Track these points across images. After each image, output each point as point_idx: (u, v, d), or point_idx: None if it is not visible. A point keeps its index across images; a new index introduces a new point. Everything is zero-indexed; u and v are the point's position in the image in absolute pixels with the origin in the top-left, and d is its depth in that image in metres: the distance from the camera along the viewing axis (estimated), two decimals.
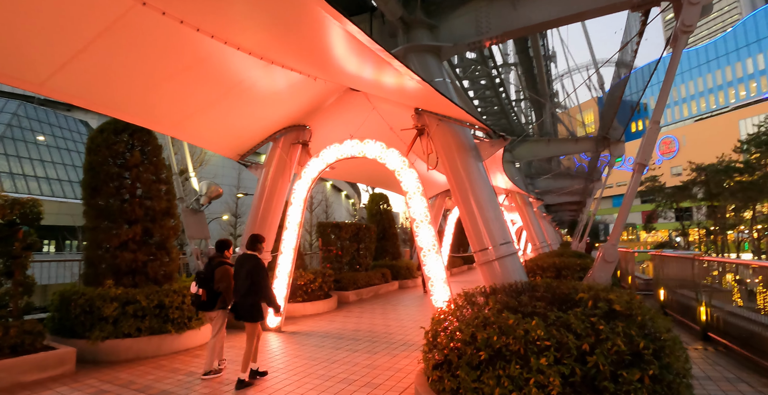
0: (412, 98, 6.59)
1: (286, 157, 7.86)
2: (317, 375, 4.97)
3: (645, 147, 5.42)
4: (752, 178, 19.18)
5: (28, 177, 28.23)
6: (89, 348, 5.40)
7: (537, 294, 3.98)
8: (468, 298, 4.28)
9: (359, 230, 13.05)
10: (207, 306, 4.93)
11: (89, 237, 6.00)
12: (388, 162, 6.82)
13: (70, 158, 31.66)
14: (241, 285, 4.74)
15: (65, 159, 31.40)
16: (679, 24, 5.07)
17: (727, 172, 18.69)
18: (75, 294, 5.57)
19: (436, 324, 4.03)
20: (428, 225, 6.44)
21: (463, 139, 6.61)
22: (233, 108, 6.85)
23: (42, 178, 28.78)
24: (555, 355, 3.11)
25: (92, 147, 6.05)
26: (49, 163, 29.95)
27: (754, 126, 20.12)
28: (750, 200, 19.40)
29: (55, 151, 31.14)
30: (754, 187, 19.04)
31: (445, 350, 3.62)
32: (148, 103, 5.91)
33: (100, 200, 5.95)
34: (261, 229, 8.02)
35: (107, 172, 5.96)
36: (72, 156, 31.94)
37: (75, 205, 22.05)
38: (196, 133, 6.97)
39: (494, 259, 6.08)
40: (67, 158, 31.52)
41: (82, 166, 6.17)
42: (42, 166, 29.47)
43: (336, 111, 8.20)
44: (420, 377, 4.11)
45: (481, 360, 3.30)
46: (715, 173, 19.31)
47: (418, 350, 6.07)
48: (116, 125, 6.14)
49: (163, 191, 6.48)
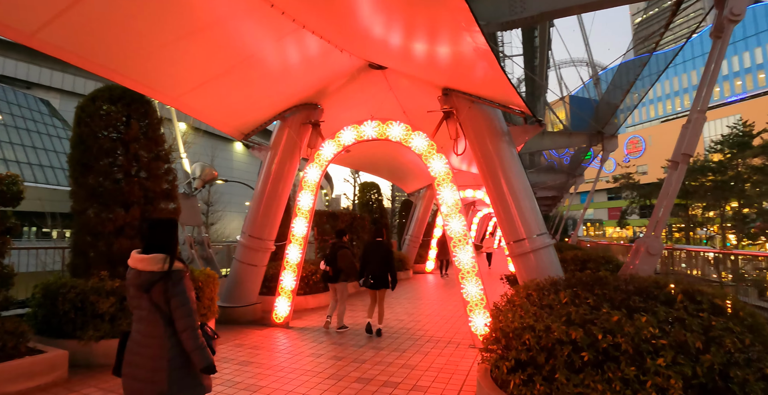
0: (444, 75, 6.11)
1: (296, 138, 7.19)
2: (353, 378, 4.45)
3: (691, 137, 5.26)
4: (724, 177, 20.01)
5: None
6: (81, 350, 4.62)
7: (623, 287, 3.63)
8: (539, 292, 3.89)
9: (354, 220, 12.53)
10: (333, 279, 6.69)
11: (78, 221, 5.16)
12: (415, 145, 6.32)
13: (30, 139, 28.97)
14: (379, 263, 6.39)
15: (24, 140, 28.64)
16: (727, 13, 4.87)
17: (702, 171, 19.51)
18: (63, 287, 4.75)
19: (502, 322, 3.62)
20: (459, 214, 6.01)
21: (496, 123, 6.20)
22: (241, 82, 6.13)
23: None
24: (671, 355, 2.76)
25: (83, 117, 5.17)
26: (7, 144, 27.25)
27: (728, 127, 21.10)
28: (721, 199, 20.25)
29: (14, 131, 28.36)
30: (725, 186, 19.88)
31: (531, 351, 3.20)
32: (150, 68, 5.12)
33: (91, 179, 5.11)
34: (265, 216, 7.36)
35: (101, 146, 5.12)
36: (32, 137, 29.24)
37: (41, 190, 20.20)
38: (199, 107, 6.19)
39: (530, 251, 5.74)
40: (27, 139, 28.81)
41: (69, 139, 5.28)
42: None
43: (351, 91, 7.59)
44: (485, 379, 3.68)
45: (585, 361, 2.92)
46: (691, 172, 20.05)
47: (448, 346, 5.68)
48: (111, 93, 5.29)
49: (163, 170, 5.69)
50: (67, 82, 34.81)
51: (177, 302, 2.34)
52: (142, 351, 2.35)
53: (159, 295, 2.34)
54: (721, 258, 10.59)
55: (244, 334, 6.32)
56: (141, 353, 2.35)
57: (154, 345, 2.34)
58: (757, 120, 20.75)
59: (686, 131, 5.34)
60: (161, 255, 2.39)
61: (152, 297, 2.35)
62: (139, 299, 2.39)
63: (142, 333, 2.38)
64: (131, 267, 2.43)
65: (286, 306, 6.89)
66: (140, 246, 2.46)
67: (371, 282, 6.30)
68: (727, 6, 4.85)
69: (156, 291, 2.34)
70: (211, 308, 5.89)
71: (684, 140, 5.32)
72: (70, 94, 34.64)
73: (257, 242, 7.32)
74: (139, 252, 2.44)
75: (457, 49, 4.71)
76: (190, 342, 2.34)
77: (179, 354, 2.36)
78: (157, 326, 2.35)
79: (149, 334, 2.35)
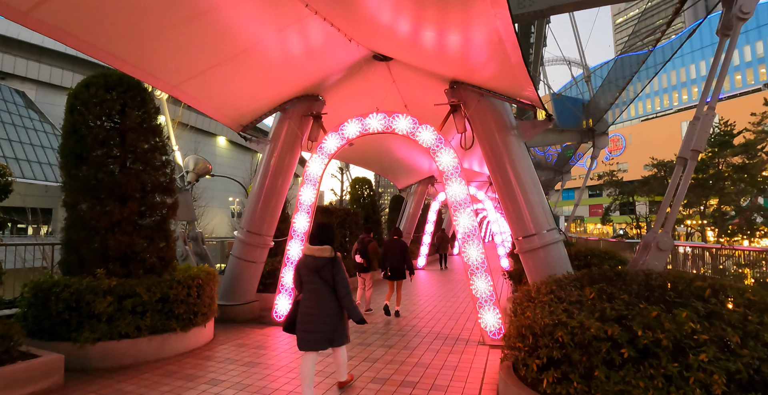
0: (454, 66, 5.97)
1: (297, 130, 6.95)
2: (369, 378, 4.30)
3: (700, 133, 5.29)
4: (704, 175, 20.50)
5: None
6: (76, 354, 4.33)
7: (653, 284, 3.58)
8: (562, 288, 3.81)
9: (347, 215, 12.34)
10: (366, 269, 7.66)
11: (71, 216, 4.84)
12: (422, 139, 6.17)
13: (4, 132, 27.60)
14: (396, 258, 7.37)
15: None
16: (736, 10, 4.90)
17: None
18: (55, 286, 4.45)
19: (530, 319, 3.52)
20: (468, 209, 5.90)
21: (505, 118, 6.11)
22: (242, 71, 5.87)
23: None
24: (713, 350, 2.71)
25: (76, 104, 4.83)
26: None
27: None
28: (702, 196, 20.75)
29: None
30: (706, 184, 20.36)
31: (564, 349, 3.11)
32: (151, 53, 4.84)
33: (85, 170, 4.79)
34: (264, 211, 7.12)
35: (96, 136, 4.80)
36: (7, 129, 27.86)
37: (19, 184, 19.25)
38: (199, 96, 5.91)
39: (540, 247, 5.69)
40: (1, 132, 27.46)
41: (61, 128, 4.93)
42: None
43: (352, 83, 7.39)
44: (511, 378, 3.58)
45: (625, 359, 2.84)
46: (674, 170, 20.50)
47: (457, 343, 5.58)
48: (106, 79, 4.95)
49: (160, 162, 5.40)
50: (44, 73, 33.28)
51: (339, 277, 3.59)
52: (315, 312, 3.55)
53: (327, 273, 3.57)
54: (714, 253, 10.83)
55: (245, 334, 6.08)
56: (314, 312, 3.55)
57: (324, 306, 3.56)
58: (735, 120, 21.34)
59: (694, 128, 5.35)
60: (328, 247, 3.68)
61: (321, 275, 3.58)
62: (310, 276, 3.62)
63: (313, 300, 3.58)
64: (306, 254, 3.72)
65: (286, 304, 6.67)
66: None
67: (389, 274, 7.36)
68: (737, 4, 4.87)
69: (325, 270, 3.58)
70: (211, 307, 5.65)
71: (693, 136, 5.33)
72: (47, 86, 33.22)
73: (256, 238, 7.07)
74: (310, 245, 3.73)
75: (472, 36, 4.58)
76: (348, 303, 3.59)
77: (338, 312, 3.63)
78: (324, 294, 3.58)
79: (319, 299, 3.57)
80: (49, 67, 33.58)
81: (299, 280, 3.74)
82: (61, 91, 33.21)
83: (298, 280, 3.75)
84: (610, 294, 3.56)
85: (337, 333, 3.61)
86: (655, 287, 3.51)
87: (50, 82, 33.36)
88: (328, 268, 3.57)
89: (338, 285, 3.57)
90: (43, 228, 24.05)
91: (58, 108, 32.16)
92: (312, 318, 3.53)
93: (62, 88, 33.17)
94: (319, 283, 3.58)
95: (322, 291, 3.56)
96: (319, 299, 3.56)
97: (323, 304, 3.55)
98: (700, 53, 49.14)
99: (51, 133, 30.51)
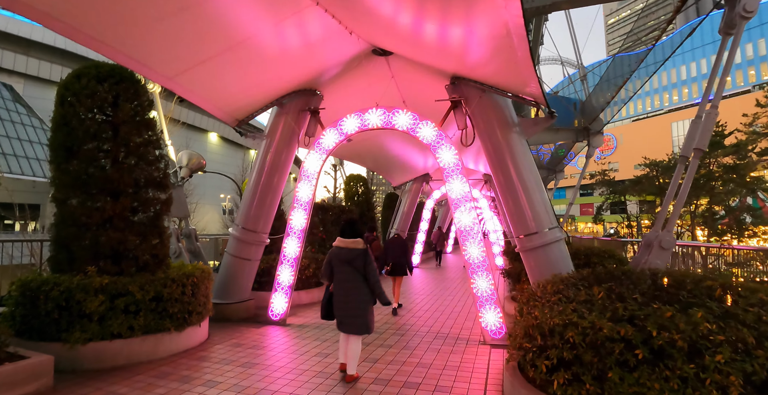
0: (455, 61, 5.86)
1: (294, 125, 6.80)
2: (370, 379, 4.20)
3: (703, 132, 5.29)
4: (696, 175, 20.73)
5: None
6: (66, 354, 4.17)
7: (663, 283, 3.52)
8: (569, 288, 3.74)
9: (342, 212, 12.22)
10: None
11: (60, 211, 4.65)
12: (423, 135, 6.06)
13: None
14: (398, 254, 7.69)
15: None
16: (739, 9, 4.88)
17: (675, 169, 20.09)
18: (44, 284, 4.27)
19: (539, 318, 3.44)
20: (469, 207, 5.82)
21: (507, 114, 6.04)
22: (238, 63, 5.71)
23: None
24: (728, 351, 2.65)
25: (66, 96, 4.63)
26: None
27: None
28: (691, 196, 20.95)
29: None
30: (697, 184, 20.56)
31: (575, 349, 3.03)
32: (147, 43, 4.67)
33: (76, 164, 4.60)
34: (260, 208, 6.97)
35: (87, 129, 4.61)
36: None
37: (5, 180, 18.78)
38: (194, 89, 5.74)
39: (542, 245, 5.63)
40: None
41: (51, 120, 4.73)
42: None
43: (350, 78, 7.25)
44: (517, 379, 3.50)
45: (640, 360, 2.77)
46: (666, 169, 20.69)
47: (458, 343, 5.51)
48: (98, 70, 4.76)
49: (154, 156, 5.23)
50: (32, 67, 32.37)
51: (370, 268, 4.09)
52: (350, 298, 4.06)
53: (359, 263, 4.06)
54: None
55: (240, 333, 5.94)
56: (349, 299, 4.06)
57: (358, 293, 4.07)
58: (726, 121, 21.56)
59: (696, 126, 5.33)
60: (360, 239, 4.17)
61: (354, 265, 4.05)
62: (342, 266, 4.09)
63: (347, 288, 4.08)
64: (339, 247, 4.15)
65: (283, 303, 6.54)
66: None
67: (388, 269, 7.72)
68: (741, 3, 4.85)
69: (357, 260, 4.06)
70: (206, 306, 5.51)
71: (695, 135, 5.30)
72: (35, 79, 32.36)
73: (251, 235, 6.92)
74: (343, 238, 4.17)
75: (477, 29, 4.48)
76: (377, 289, 4.10)
77: (370, 298, 4.13)
78: (356, 281, 4.08)
79: (353, 287, 4.07)
80: (38, 60, 32.73)
81: (330, 270, 4.18)
82: (49, 85, 32.42)
83: (329, 270, 4.18)
84: (619, 293, 3.50)
85: (366, 319, 4.07)
86: (666, 286, 3.45)
87: (38, 76, 32.52)
88: (360, 259, 4.07)
89: (369, 273, 4.08)
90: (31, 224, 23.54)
91: (46, 102, 31.38)
92: (347, 304, 4.06)
93: (50, 82, 32.39)
94: (351, 272, 4.07)
95: (354, 280, 4.08)
96: (351, 287, 4.07)
97: (355, 291, 4.06)
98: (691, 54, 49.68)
99: (39, 128, 29.81)
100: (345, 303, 4.06)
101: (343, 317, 4.09)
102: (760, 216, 19.41)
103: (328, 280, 4.21)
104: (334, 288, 4.15)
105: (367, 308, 4.08)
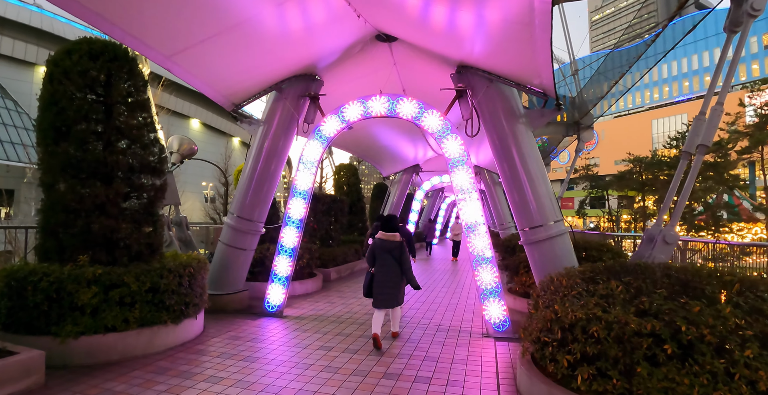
0: (464, 48, 5.71)
1: (294, 111, 6.55)
2: (380, 373, 4.10)
3: (709, 128, 5.29)
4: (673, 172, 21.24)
5: None
6: (57, 349, 3.92)
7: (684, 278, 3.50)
8: (586, 281, 3.69)
9: (333, 202, 12.02)
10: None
11: (49, 196, 4.34)
12: (428, 124, 5.91)
13: None
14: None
15: None
16: (747, 8, 4.87)
17: (659, 165, 20.72)
18: (32, 274, 3.99)
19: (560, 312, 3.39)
20: (474, 198, 5.73)
21: (513, 104, 5.94)
22: (238, 45, 5.45)
23: None
24: (756, 346, 2.64)
25: (56, 73, 4.28)
26: None
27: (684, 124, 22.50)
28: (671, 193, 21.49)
29: None
30: None
31: (599, 344, 2.99)
32: (146, 19, 4.36)
33: (67, 146, 4.28)
34: (256, 196, 6.74)
35: (79, 108, 4.29)
36: None
37: None
38: (192, 70, 5.45)
39: (547, 238, 5.60)
40: None
41: (39, 98, 4.37)
42: None
43: (350, 64, 7.04)
44: (536, 373, 3.45)
45: (669, 355, 2.74)
46: (649, 165, 21.13)
47: (461, 336, 5.46)
48: (91, 46, 4.41)
49: (149, 140, 4.94)
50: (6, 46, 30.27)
51: (405, 257, 4.99)
52: (389, 282, 4.95)
53: (397, 252, 4.98)
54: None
55: (237, 325, 5.76)
56: (388, 281, 4.95)
57: (396, 276, 4.97)
58: None
59: (700, 123, 5.33)
60: (397, 233, 5.07)
61: (393, 254, 4.97)
62: (383, 254, 4.98)
63: (386, 272, 4.96)
64: (381, 239, 5.03)
65: (280, 294, 6.36)
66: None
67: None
68: (748, 2, 4.83)
69: (396, 250, 4.98)
70: (203, 297, 5.29)
71: (699, 131, 5.30)
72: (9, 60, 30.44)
73: (247, 224, 6.70)
74: (384, 232, 5.06)
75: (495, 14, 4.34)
76: (410, 274, 4.99)
77: (401, 281, 5.03)
78: (393, 267, 4.97)
79: (391, 271, 4.96)
80: (12, 39, 30.77)
81: (373, 257, 5.08)
82: (25, 66, 30.72)
83: (372, 257, 5.10)
84: (638, 287, 3.47)
85: (399, 296, 5.07)
86: (687, 281, 3.43)
87: (13, 56, 30.62)
88: (398, 249, 5.03)
89: (404, 261, 5.01)
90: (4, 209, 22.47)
91: (21, 84, 29.76)
92: (386, 285, 4.96)
93: (25, 63, 30.69)
94: (389, 259, 4.99)
95: (392, 266, 4.99)
96: (389, 271, 4.99)
97: (393, 274, 4.98)
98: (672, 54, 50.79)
99: (14, 110, 28.23)
100: (385, 282, 4.96)
101: (382, 293, 4.95)
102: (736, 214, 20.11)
103: (371, 265, 5.10)
104: (376, 272, 5.02)
105: (401, 286, 5.07)
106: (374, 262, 5.05)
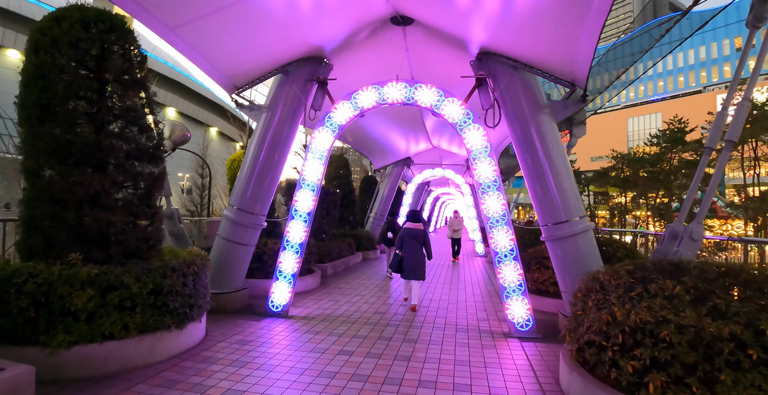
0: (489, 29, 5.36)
1: (301, 96, 6.08)
2: (413, 382, 3.78)
3: (735, 124, 5.17)
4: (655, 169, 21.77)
5: None
6: (46, 361, 3.40)
7: (747, 278, 3.31)
8: (640, 280, 3.46)
9: (327, 195, 11.56)
10: (391, 243, 9.32)
11: (34, 185, 3.76)
12: (447, 113, 5.59)
13: None
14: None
15: None
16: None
17: (640, 162, 21.17)
18: (16, 275, 3.44)
19: (613, 314, 3.14)
20: (497, 191, 5.46)
21: (537, 95, 5.68)
22: (244, 21, 4.95)
23: None
24: None
25: (43, 42, 3.68)
26: None
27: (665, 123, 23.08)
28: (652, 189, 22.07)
29: None
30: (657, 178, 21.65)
31: (670, 349, 2.75)
32: None
33: (55, 127, 3.71)
34: (258, 187, 6.28)
35: (70, 84, 3.71)
36: None
37: None
38: (195, 45, 4.91)
39: (571, 235, 5.39)
40: None
41: (21, 71, 3.77)
42: None
43: (361, 49, 6.63)
44: (586, 379, 3.20)
45: (754, 361, 2.52)
46: (631, 162, 21.55)
47: (483, 336, 5.20)
48: (83, 14, 3.83)
49: (147, 123, 4.40)
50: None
51: (428, 241, 6.65)
52: (416, 260, 6.53)
53: (421, 237, 6.62)
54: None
55: (241, 328, 5.31)
56: (415, 260, 6.52)
57: (420, 256, 6.59)
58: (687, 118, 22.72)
59: (721, 118, 5.20)
60: (420, 224, 6.79)
61: (418, 239, 6.60)
62: (410, 240, 6.59)
63: (413, 253, 6.55)
64: (409, 228, 6.70)
65: (286, 293, 5.93)
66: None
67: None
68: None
69: (419, 237, 6.62)
70: (206, 297, 4.82)
71: (721, 126, 5.17)
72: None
73: (248, 217, 6.22)
74: (411, 222, 6.79)
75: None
76: (430, 253, 6.63)
77: (425, 259, 6.64)
78: (419, 249, 6.60)
79: (417, 252, 6.58)
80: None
81: (402, 242, 6.59)
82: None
83: (401, 242, 6.60)
84: (696, 287, 3.26)
85: (422, 272, 6.56)
86: (749, 282, 3.24)
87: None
88: (422, 235, 6.62)
89: (427, 244, 6.60)
90: None
91: None
92: (414, 263, 6.48)
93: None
94: (416, 243, 6.56)
95: (418, 248, 6.56)
96: (416, 252, 6.53)
97: (419, 255, 6.54)
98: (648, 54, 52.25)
99: None
100: (412, 261, 6.47)
101: (410, 270, 6.46)
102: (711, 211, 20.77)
103: (400, 249, 6.58)
104: (404, 253, 6.53)
105: (424, 265, 6.58)
106: (402, 246, 6.56)
